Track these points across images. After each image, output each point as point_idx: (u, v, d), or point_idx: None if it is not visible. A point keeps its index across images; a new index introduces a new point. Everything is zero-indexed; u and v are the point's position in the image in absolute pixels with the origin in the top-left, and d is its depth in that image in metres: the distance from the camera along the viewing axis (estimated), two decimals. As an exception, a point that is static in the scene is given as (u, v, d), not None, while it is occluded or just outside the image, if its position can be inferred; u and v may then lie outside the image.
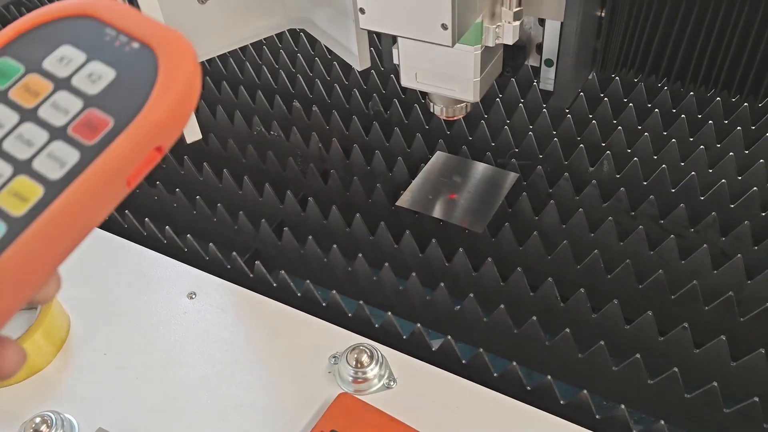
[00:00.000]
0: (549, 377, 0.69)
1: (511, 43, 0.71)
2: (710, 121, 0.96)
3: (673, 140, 0.93)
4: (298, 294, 0.83)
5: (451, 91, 0.75)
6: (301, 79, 1.15)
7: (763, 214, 0.86)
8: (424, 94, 0.83)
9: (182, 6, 0.87)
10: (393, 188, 0.96)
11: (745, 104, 0.98)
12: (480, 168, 0.94)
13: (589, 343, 0.74)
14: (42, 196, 0.24)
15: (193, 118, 0.78)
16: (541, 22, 0.80)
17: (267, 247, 0.93)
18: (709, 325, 0.76)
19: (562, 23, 0.75)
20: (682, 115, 0.97)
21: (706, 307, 0.77)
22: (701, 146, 0.92)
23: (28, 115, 0.25)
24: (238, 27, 0.94)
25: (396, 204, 0.91)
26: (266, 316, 0.80)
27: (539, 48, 0.83)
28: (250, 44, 1.25)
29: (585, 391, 0.67)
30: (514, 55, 0.83)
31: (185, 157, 1.02)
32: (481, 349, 0.72)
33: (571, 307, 0.79)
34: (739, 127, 0.94)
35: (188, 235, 0.88)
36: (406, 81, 0.77)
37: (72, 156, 0.24)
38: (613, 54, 0.80)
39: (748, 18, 0.73)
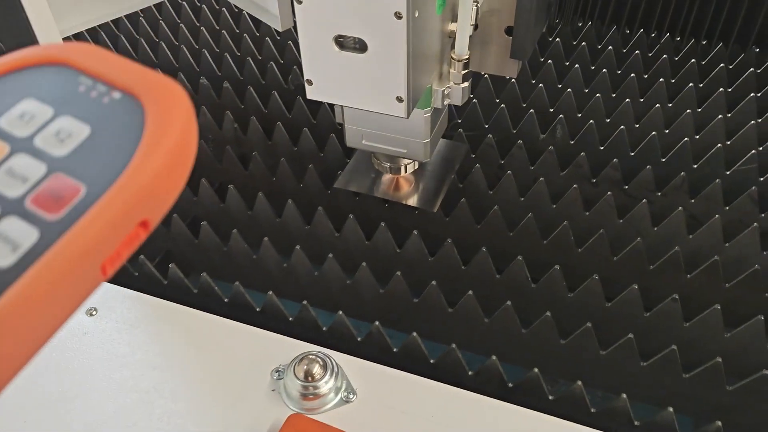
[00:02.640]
0: (536, 370, 0.59)
1: (460, 104, 0.66)
2: (661, 79, 0.90)
3: (627, 100, 0.86)
4: (225, 299, 0.69)
5: (400, 152, 0.70)
6: (207, 54, 1.00)
7: (728, 172, 0.80)
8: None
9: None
10: (327, 170, 0.83)
11: (692, 61, 0.93)
12: (424, 140, 0.84)
13: (569, 326, 0.65)
14: None
15: None
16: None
17: (181, 246, 0.78)
18: (694, 295, 0.69)
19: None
20: (632, 75, 0.91)
21: (688, 275, 0.70)
22: (657, 104, 0.85)
23: None
24: None
25: (334, 186, 0.79)
26: (188, 329, 0.66)
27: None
28: (143, 19, 1.09)
29: (579, 383, 0.58)
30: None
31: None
32: (454, 345, 0.61)
33: (544, 287, 0.69)
34: (691, 84, 0.88)
35: (83, 239, 0.72)
36: (352, 142, 0.72)
37: (29, 236, 0.19)
38: (570, 4, 0.71)
39: None
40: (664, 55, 0.94)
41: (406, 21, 0.52)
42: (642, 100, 0.90)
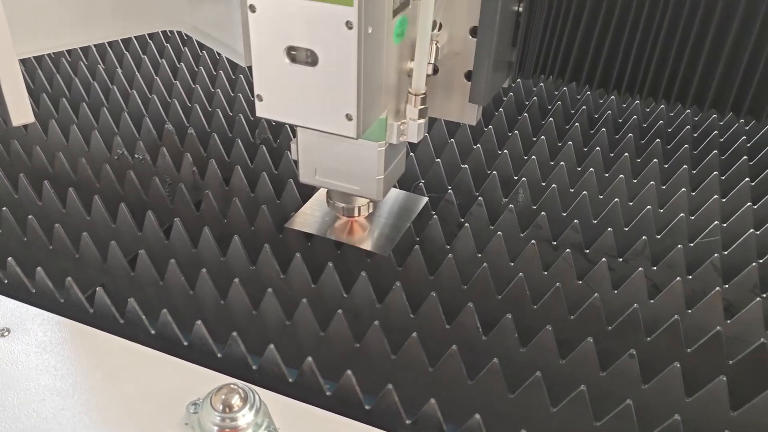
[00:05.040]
0: (478, 417, 0.54)
1: (416, 141, 0.66)
2: (626, 154, 0.90)
3: (591, 170, 0.86)
4: (152, 331, 0.64)
5: (353, 189, 0.69)
6: (177, 104, 1.00)
7: (691, 244, 0.78)
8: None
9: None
10: (282, 218, 0.81)
11: (657, 141, 0.94)
12: (383, 191, 0.82)
13: (518, 381, 0.60)
14: None
15: (24, 93, 0.61)
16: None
17: (117, 279, 0.73)
18: (652, 358, 0.65)
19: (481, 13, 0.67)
20: (597, 148, 0.91)
21: (648, 338, 0.66)
22: (620, 175, 0.85)
23: None
24: (103, 20, 0.79)
25: (285, 226, 0.76)
26: (105, 356, 0.60)
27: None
28: (119, 69, 1.10)
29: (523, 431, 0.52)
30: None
31: (21, 176, 0.82)
32: (390, 385, 0.56)
33: (495, 340, 0.65)
34: (655, 160, 0.88)
35: (9, 259, 0.68)
36: (305, 177, 0.71)
37: None
38: (531, 58, 0.72)
39: (669, 25, 0.67)
40: (630, 135, 0.95)
41: (357, 33, 0.52)
42: (607, 174, 0.90)
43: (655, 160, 0.88)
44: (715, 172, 0.86)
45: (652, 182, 0.83)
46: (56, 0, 0.75)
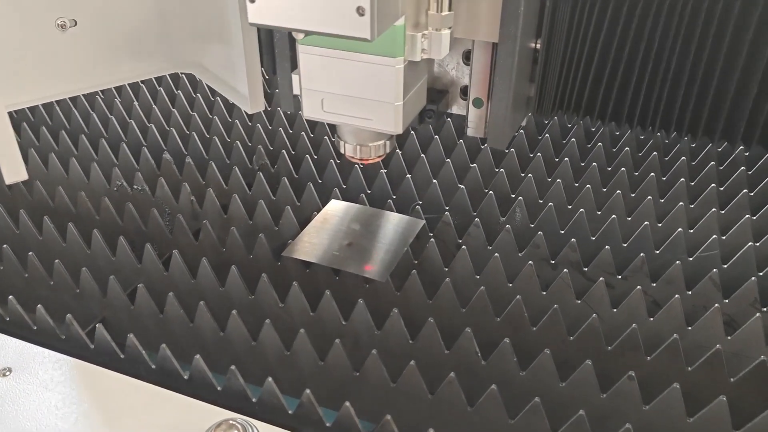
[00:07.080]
0: (477, 446, 0.54)
1: (441, 56, 0.57)
2: (623, 168, 0.90)
3: (588, 186, 0.86)
4: (153, 366, 0.64)
5: (366, 121, 0.59)
6: (175, 133, 1.01)
7: (690, 258, 0.78)
8: (333, 130, 0.68)
9: (36, 31, 0.72)
10: (281, 245, 0.81)
11: (654, 154, 0.94)
12: (380, 215, 0.82)
13: (518, 405, 0.60)
14: None
15: (16, 151, 0.60)
16: (466, 60, 0.71)
17: (117, 313, 0.74)
18: (653, 377, 0.65)
19: (494, 54, 0.66)
20: (594, 164, 0.91)
21: (648, 357, 0.65)
22: (618, 191, 0.85)
23: None
24: (110, 65, 0.79)
25: (282, 254, 0.76)
26: (107, 393, 0.61)
27: (464, 91, 0.74)
28: (117, 98, 1.11)
29: (523, 461, 0.52)
30: (434, 99, 0.72)
31: (21, 212, 0.83)
32: (389, 416, 0.56)
33: (494, 364, 0.65)
34: (652, 174, 0.88)
35: (10, 297, 0.68)
36: (310, 111, 0.60)
37: None
38: (550, 95, 0.71)
39: (679, 58, 0.67)
40: (627, 148, 0.95)
41: None
42: (605, 189, 0.89)
43: (652, 173, 0.88)
44: (713, 184, 0.86)
45: (649, 197, 0.83)
46: (60, 46, 0.74)
